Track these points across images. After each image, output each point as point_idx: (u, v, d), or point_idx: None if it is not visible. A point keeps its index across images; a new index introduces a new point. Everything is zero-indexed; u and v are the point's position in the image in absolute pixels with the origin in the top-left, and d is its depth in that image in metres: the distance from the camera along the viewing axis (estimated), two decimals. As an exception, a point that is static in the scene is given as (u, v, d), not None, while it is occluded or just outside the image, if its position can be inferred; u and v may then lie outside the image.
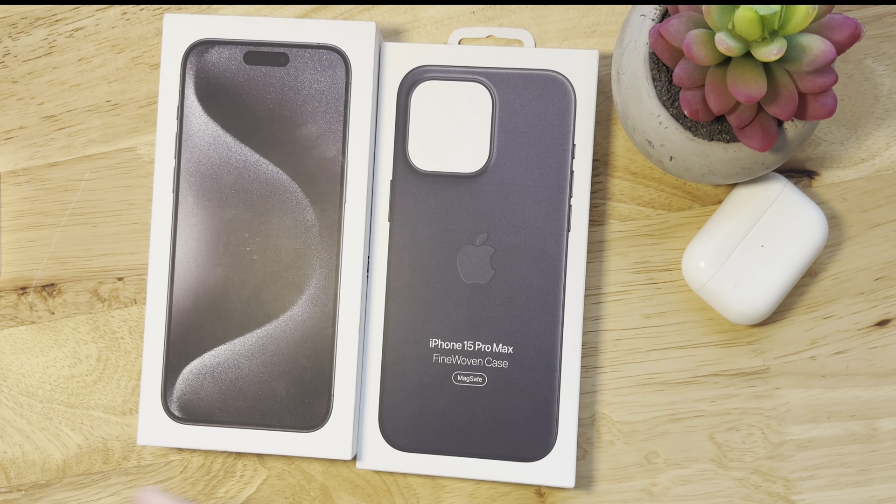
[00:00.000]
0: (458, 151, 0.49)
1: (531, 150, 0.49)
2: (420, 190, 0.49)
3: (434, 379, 0.49)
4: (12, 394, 0.51)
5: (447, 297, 0.49)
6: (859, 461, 0.49)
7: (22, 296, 0.52)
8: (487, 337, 0.49)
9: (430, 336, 0.49)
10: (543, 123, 0.49)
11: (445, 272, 0.49)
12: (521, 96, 0.49)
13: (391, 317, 0.49)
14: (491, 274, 0.49)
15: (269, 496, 0.50)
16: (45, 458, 0.51)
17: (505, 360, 0.48)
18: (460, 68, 0.49)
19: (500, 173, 0.49)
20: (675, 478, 0.49)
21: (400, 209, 0.49)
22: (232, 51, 0.49)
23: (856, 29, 0.39)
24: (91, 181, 0.52)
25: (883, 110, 0.50)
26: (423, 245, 0.49)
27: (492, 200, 0.49)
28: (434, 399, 0.49)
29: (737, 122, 0.41)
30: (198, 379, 0.49)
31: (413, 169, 0.49)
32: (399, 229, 0.49)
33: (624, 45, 0.45)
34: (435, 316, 0.49)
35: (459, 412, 0.48)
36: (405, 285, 0.49)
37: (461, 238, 0.49)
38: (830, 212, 0.50)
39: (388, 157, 0.49)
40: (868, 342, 0.49)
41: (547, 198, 0.48)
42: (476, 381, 0.49)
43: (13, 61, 0.52)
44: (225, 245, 0.49)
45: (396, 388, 0.49)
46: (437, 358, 0.49)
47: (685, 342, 0.50)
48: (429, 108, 0.49)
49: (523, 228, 0.48)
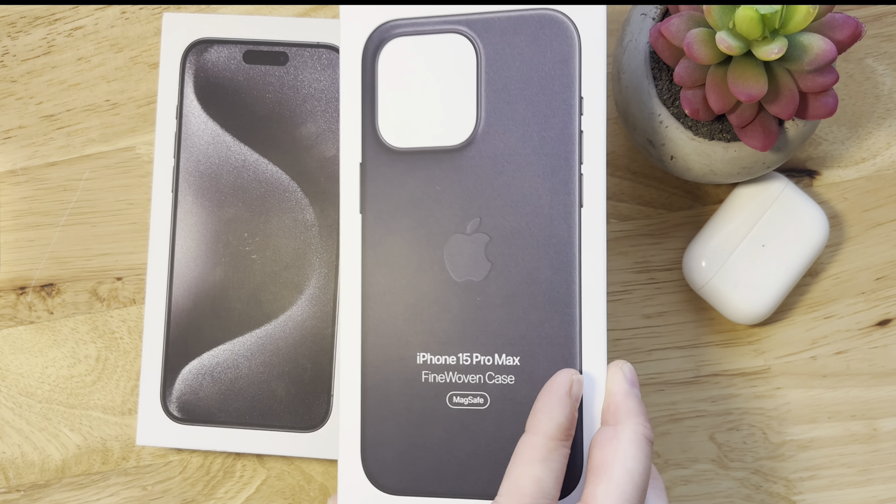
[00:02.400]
0: (439, 121, 0.41)
1: (528, 109, 0.40)
2: (395, 172, 0.41)
3: (425, 403, 0.40)
4: (11, 394, 0.51)
5: (435, 301, 0.40)
6: (860, 461, 0.49)
7: (21, 296, 0.51)
8: (487, 347, 0.40)
9: (418, 350, 0.40)
10: (541, 76, 0.40)
11: (431, 270, 0.40)
12: (511, 45, 0.40)
13: (369, 330, 0.40)
14: (487, 268, 0.40)
15: (269, 496, 0.50)
16: (44, 458, 0.51)
17: (511, 375, 0.39)
18: (435, 19, 0.41)
19: (491, 143, 0.40)
20: (676, 478, 0.49)
21: (373, 197, 0.41)
22: (231, 50, 0.49)
23: (856, 28, 0.39)
24: (90, 181, 0.52)
25: (884, 109, 0.50)
26: (403, 239, 0.40)
27: (483, 177, 0.40)
28: (426, 428, 0.40)
29: (737, 122, 0.41)
30: (197, 379, 0.49)
31: (385, 147, 0.41)
32: (373, 222, 0.41)
33: (624, 44, 0.45)
34: (422, 325, 0.40)
35: (458, 443, 0.39)
36: (383, 290, 0.40)
37: (448, 226, 0.40)
38: (831, 211, 0.50)
39: (354, 137, 0.41)
40: (869, 342, 0.49)
41: (551, 167, 0.40)
42: (476, 402, 0.40)
43: (12, 60, 0.52)
44: (224, 245, 0.49)
45: (381, 417, 0.40)
46: (428, 376, 0.40)
47: (686, 342, 0.50)
48: (400, 73, 0.41)
49: (524, 208, 0.40)
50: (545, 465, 0.35)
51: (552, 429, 0.35)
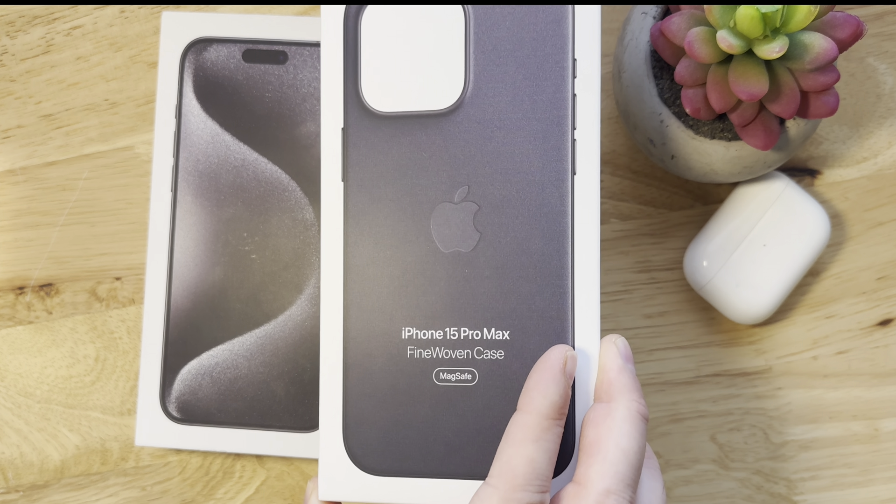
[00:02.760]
0: (425, 84, 0.39)
1: (519, 72, 0.38)
2: (379, 138, 0.39)
3: (410, 379, 0.38)
4: (10, 394, 0.51)
5: (421, 273, 0.38)
6: (861, 462, 0.49)
7: (20, 296, 0.51)
8: (476, 321, 0.38)
9: (403, 324, 0.38)
10: (533, 36, 0.38)
11: (417, 241, 0.38)
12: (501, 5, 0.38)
13: (352, 303, 0.38)
14: (476, 238, 0.38)
15: (268, 497, 0.50)
16: (43, 458, 0.51)
17: (500, 350, 0.38)
18: None
19: (479, 107, 0.38)
20: (677, 478, 0.49)
21: (355, 164, 0.39)
22: (230, 49, 0.49)
23: (857, 27, 0.39)
24: (89, 180, 0.51)
25: (885, 109, 0.50)
26: (388, 208, 0.38)
27: (471, 143, 0.38)
28: (412, 405, 0.38)
29: (738, 121, 0.41)
30: (196, 379, 0.48)
31: (369, 112, 0.39)
32: (355, 190, 0.39)
33: (625, 43, 0.45)
34: (407, 298, 0.38)
35: (445, 421, 0.38)
36: (367, 262, 0.38)
37: (435, 195, 0.38)
38: (832, 211, 0.50)
39: (336, 100, 0.39)
40: (870, 342, 0.49)
41: (543, 133, 0.38)
42: (464, 378, 0.38)
43: (11, 60, 0.52)
44: (223, 244, 0.49)
45: (363, 395, 0.38)
46: (413, 352, 0.38)
47: (686, 342, 0.49)
48: (384, 34, 0.39)
49: (514, 176, 0.38)
50: (538, 444, 0.34)
51: (546, 407, 0.34)
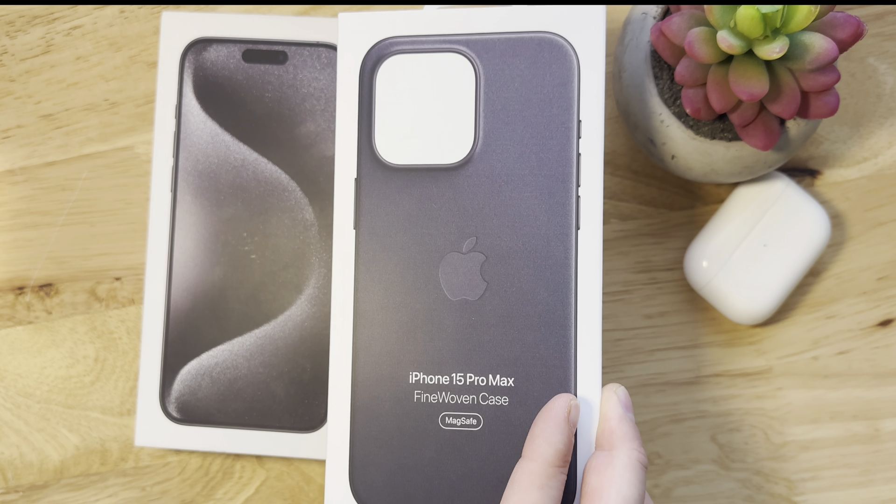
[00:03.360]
0: (437, 139, 0.40)
1: (526, 131, 0.40)
2: (391, 188, 0.40)
3: (416, 423, 0.39)
4: (10, 394, 0.51)
5: (429, 320, 0.39)
6: (862, 462, 0.49)
7: (19, 296, 0.51)
8: (481, 367, 0.39)
9: (410, 369, 0.39)
10: (540, 98, 0.40)
11: (426, 288, 0.40)
12: (511, 66, 0.40)
13: (361, 347, 0.40)
14: (483, 287, 0.40)
15: (268, 497, 0.50)
16: (43, 459, 0.51)
17: (504, 396, 0.39)
18: (434, 37, 0.41)
19: (488, 162, 0.40)
20: (677, 479, 0.49)
21: (367, 213, 0.40)
22: (230, 49, 0.49)
23: (858, 27, 0.39)
24: (88, 180, 0.51)
25: (885, 109, 0.50)
26: (398, 256, 0.40)
27: (480, 196, 0.40)
28: (417, 449, 0.39)
29: (739, 121, 0.41)
30: (196, 379, 0.48)
31: (381, 163, 0.40)
32: (367, 238, 0.40)
33: (625, 43, 0.45)
34: (415, 344, 0.39)
35: (449, 465, 0.39)
36: (377, 307, 0.40)
37: (444, 245, 0.40)
38: (833, 211, 0.50)
39: (350, 151, 0.41)
40: (871, 342, 0.49)
41: (549, 189, 0.40)
42: (469, 424, 0.39)
43: (10, 60, 0.52)
44: (223, 244, 0.49)
45: (370, 437, 0.39)
46: (420, 396, 0.39)
47: (687, 342, 0.49)
48: (398, 89, 0.41)
49: (521, 228, 0.40)
50: (543, 492, 0.35)
51: (550, 455, 0.35)
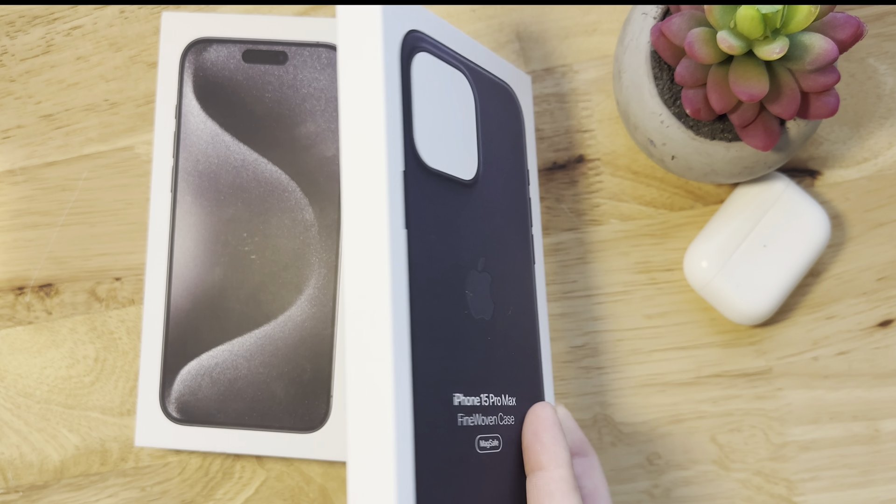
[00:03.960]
0: (458, 151, 0.37)
1: (503, 167, 0.39)
2: (431, 192, 0.35)
3: (458, 449, 0.34)
4: (10, 395, 0.51)
5: (463, 338, 0.35)
6: (862, 462, 0.49)
7: (19, 296, 0.51)
8: (497, 387, 0.36)
9: (453, 390, 0.34)
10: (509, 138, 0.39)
11: (460, 304, 0.35)
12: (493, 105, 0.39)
13: (419, 369, 0.33)
14: (492, 308, 0.37)
15: (268, 498, 0.50)
16: (43, 459, 0.51)
17: (512, 415, 0.37)
18: (448, 50, 0.38)
19: (487, 187, 0.38)
20: (677, 479, 0.49)
21: (416, 213, 0.34)
22: (230, 49, 0.49)
23: (858, 27, 0.39)
24: (88, 180, 0.51)
25: (885, 109, 0.50)
26: (441, 266, 0.35)
27: (485, 217, 0.38)
28: (458, 477, 0.34)
29: (739, 121, 0.41)
30: (196, 380, 0.48)
31: (420, 162, 0.35)
32: (418, 242, 0.34)
33: (625, 44, 0.45)
34: (455, 362, 0.35)
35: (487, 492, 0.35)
36: (428, 321, 0.34)
37: (467, 260, 0.36)
38: (833, 211, 0.50)
39: (395, 142, 0.34)
40: (871, 343, 0.49)
41: (517, 224, 0.39)
42: (493, 446, 0.36)
43: (10, 60, 0.52)
44: (223, 245, 0.49)
45: (429, 469, 0.32)
46: (462, 419, 0.34)
47: (687, 343, 0.49)
48: (429, 87, 0.36)
49: (509, 255, 0.38)
50: (576, 493, 0.35)
51: (569, 458, 0.36)
